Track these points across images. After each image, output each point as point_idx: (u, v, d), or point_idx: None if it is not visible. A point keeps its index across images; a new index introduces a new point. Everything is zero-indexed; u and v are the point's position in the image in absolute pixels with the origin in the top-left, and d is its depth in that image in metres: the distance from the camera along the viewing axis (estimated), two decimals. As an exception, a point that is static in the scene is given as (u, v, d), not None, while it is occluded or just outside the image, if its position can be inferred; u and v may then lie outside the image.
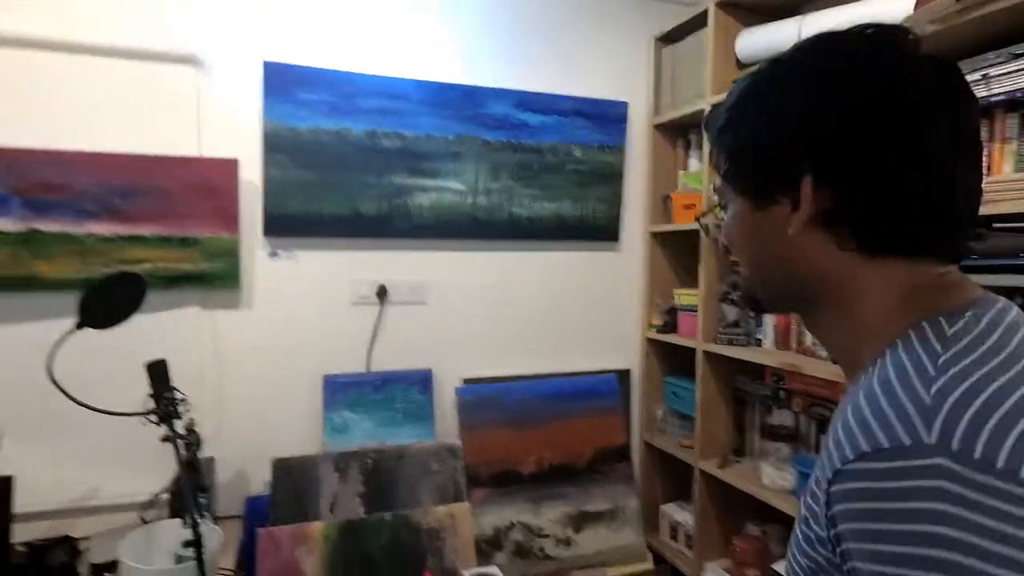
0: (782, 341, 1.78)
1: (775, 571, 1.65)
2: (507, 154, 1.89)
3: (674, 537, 2.07)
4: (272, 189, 1.69)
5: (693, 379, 1.94)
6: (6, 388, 1.52)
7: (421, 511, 1.69)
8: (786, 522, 1.80)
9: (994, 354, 0.41)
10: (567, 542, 1.85)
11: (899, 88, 0.47)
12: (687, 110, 1.95)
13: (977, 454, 0.36)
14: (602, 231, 2.06)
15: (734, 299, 1.88)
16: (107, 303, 1.33)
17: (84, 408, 1.25)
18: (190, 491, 1.28)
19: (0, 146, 1.48)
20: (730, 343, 1.85)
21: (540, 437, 1.91)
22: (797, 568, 0.49)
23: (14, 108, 1.50)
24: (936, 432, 0.38)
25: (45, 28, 1.51)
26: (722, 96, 1.74)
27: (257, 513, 1.63)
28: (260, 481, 1.70)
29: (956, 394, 0.39)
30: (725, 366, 1.91)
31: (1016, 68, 1.15)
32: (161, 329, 1.62)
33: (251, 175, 1.68)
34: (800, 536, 0.48)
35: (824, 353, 1.63)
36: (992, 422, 0.37)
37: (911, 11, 1.31)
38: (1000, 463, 0.36)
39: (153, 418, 1.36)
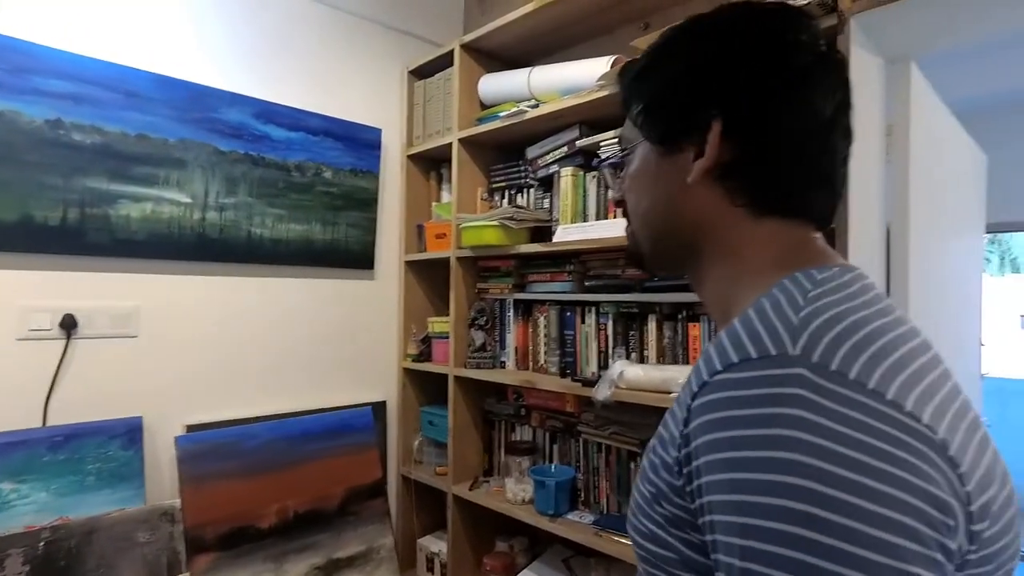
0: (522, 361, 1.83)
1: (521, 583, 1.64)
2: (246, 167, 1.62)
3: (430, 569, 1.94)
4: None
5: (446, 406, 1.87)
6: None
7: (119, 598, 1.27)
8: (528, 532, 1.82)
9: (854, 298, 0.45)
10: (315, 599, 1.58)
11: (806, 57, 0.50)
12: (437, 142, 1.93)
13: (833, 367, 0.39)
14: (356, 257, 1.89)
15: (481, 324, 1.87)
16: None
17: None
18: None
19: None
20: (478, 366, 1.83)
21: (284, 483, 1.62)
22: (638, 497, 0.49)
23: None
24: (800, 346, 0.40)
25: None
26: (468, 131, 1.77)
27: None
28: None
29: (820, 319, 0.42)
30: (475, 389, 1.89)
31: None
32: None
33: None
34: (646, 465, 0.48)
35: (554, 368, 1.70)
36: (849, 343, 0.40)
37: (608, 69, 1.49)
38: (852, 375, 0.38)
39: None
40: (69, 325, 1.38)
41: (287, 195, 1.71)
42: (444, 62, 1.92)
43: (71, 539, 1.28)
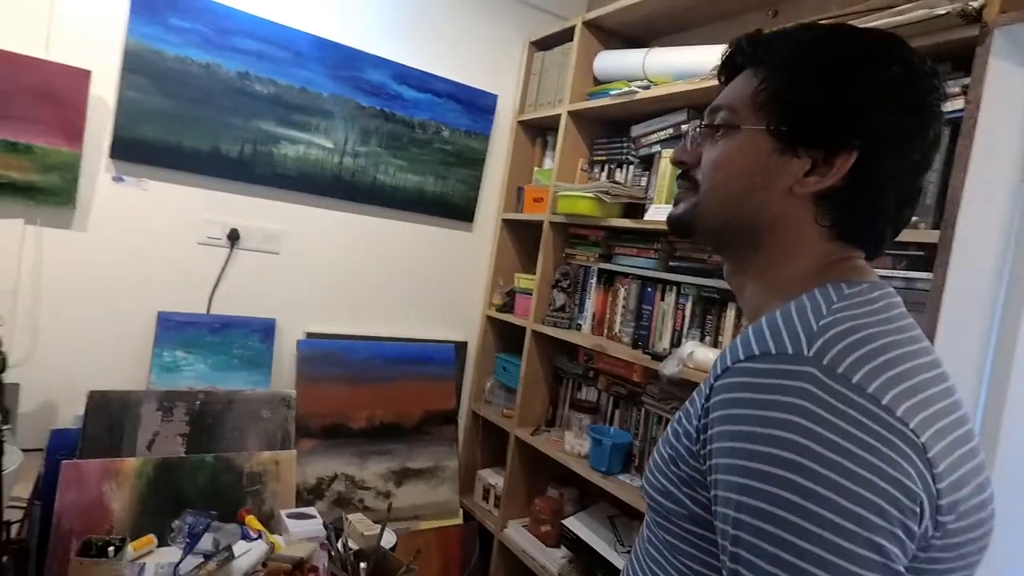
0: (597, 327, 2.15)
1: (564, 526, 2.01)
2: (379, 121, 2.07)
3: (486, 498, 2.39)
4: (126, 110, 1.71)
5: (521, 356, 2.26)
6: None
7: (245, 455, 1.80)
8: (580, 485, 2.19)
9: (875, 313, 0.54)
10: (387, 495, 2.07)
11: (938, 126, 0.58)
12: (548, 112, 2.26)
13: (840, 370, 0.48)
14: (459, 211, 2.32)
15: (564, 286, 2.23)
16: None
17: None
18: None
19: None
20: (555, 325, 2.19)
21: (374, 395, 2.11)
22: (657, 459, 0.61)
23: None
24: (815, 349, 0.50)
25: None
26: (578, 105, 2.08)
27: (62, 446, 1.63)
28: (71, 415, 1.71)
29: (838, 329, 0.51)
30: (549, 345, 2.26)
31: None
32: (-25, 238, 1.56)
33: (104, 92, 1.68)
34: (669, 432, 0.60)
35: (627, 339, 2.02)
36: (858, 352, 0.50)
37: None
38: (855, 379, 0.48)
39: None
40: (233, 238, 1.93)
41: (409, 149, 2.15)
42: (565, 36, 2.24)
43: (217, 404, 1.82)
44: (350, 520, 1.67)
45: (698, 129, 0.66)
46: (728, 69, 0.65)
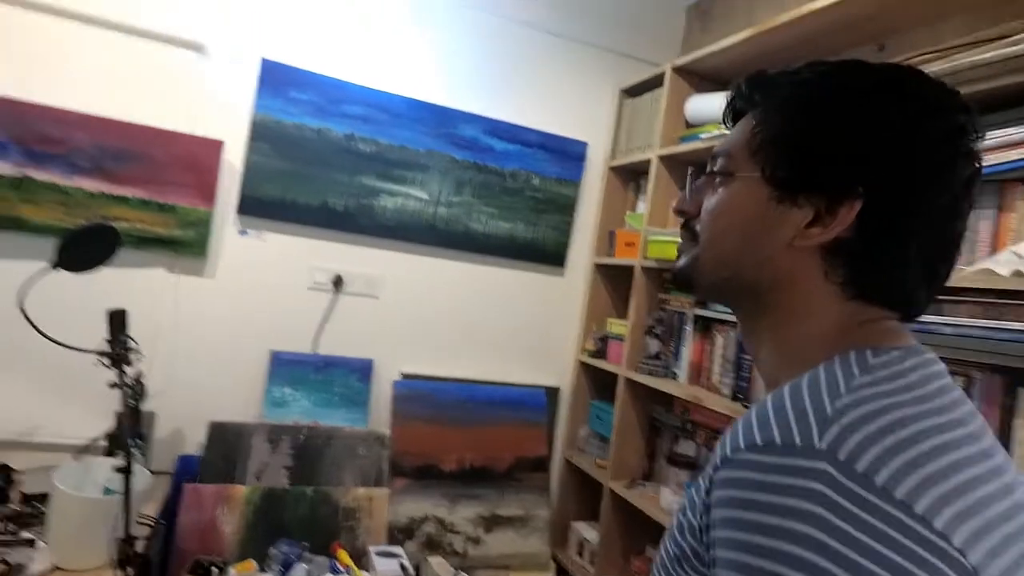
0: (694, 376, 2.09)
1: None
2: (471, 173, 2.23)
3: (580, 553, 2.34)
4: (251, 172, 1.99)
5: (615, 404, 2.24)
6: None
7: (341, 490, 1.93)
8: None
9: (907, 390, 0.46)
10: (476, 540, 2.10)
11: (969, 169, 0.52)
12: (639, 157, 2.31)
13: (860, 468, 0.40)
14: (550, 256, 2.39)
15: (658, 333, 2.20)
16: (82, 249, 1.57)
17: (45, 340, 1.46)
18: (128, 430, 1.50)
19: (7, 97, 1.74)
20: (649, 373, 2.15)
21: (465, 437, 2.18)
22: (664, 555, 0.53)
23: (27, 66, 1.78)
24: (828, 439, 0.42)
25: (63, -2, 1.80)
26: (669, 149, 2.11)
27: (186, 470, 1.85)
28: (195, 443, 1.94)
29: (857, 412, 0.43)
30: (643, 394, 2.22)
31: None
32: (128, 284, 1.88)
33: (233, 157, 1.98)
34: (674, 525, 0.52)
35: (726, 390, 1.95)
36: (882, 444, 0.41)
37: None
38: (880, 481, 0.40)
39: (106, 360, 1.60)
40: (338, 283, 2.14)
41: (500, 197, 2.28)
42: (655, 82, 2.30)
43: (319, 439, 1.98)
44: (430, 563, 1.73)
45: (700, 177, 0.63)
46: (733, 113, 0.62)
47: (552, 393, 2.43)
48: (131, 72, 1.87)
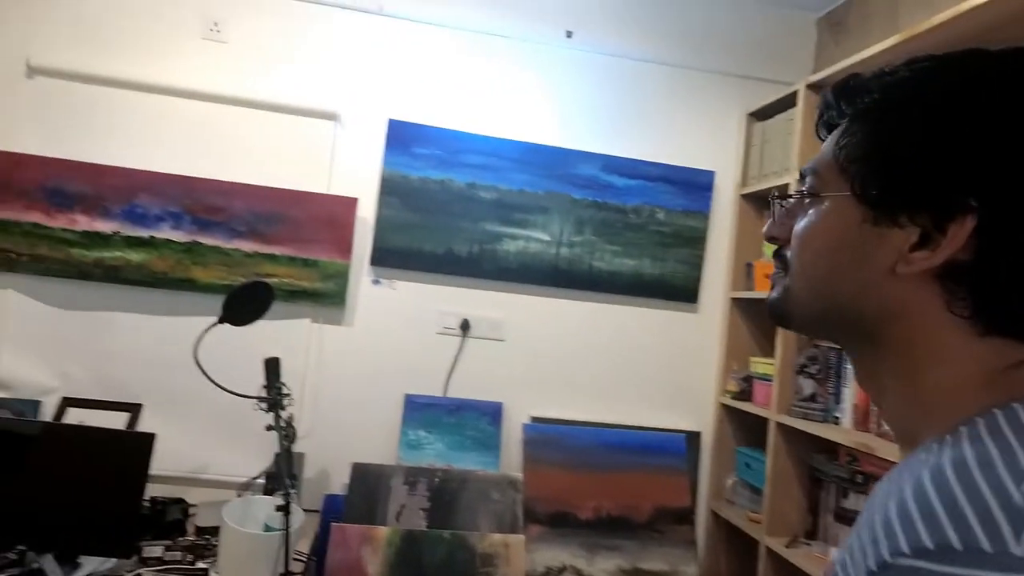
0: (861, 421, 1.87)
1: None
2: (592, 211, 2.24)
3: (734, 616, 2.15)
4: (382, 225, 2.15)
5: (766, 451, 2.07)
6: (155, 367, 2.02)
7: (478, 535, 1.94)
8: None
9: None
10: (618, 595, 2.01)
11: None
12: (774, 182, 2.19)
13: None
14: (681, 292, 2.31)
15: (812, 373, 2.02)
16: (243, 305, 1.77)
17: (215, 388, 1.67)
18: (286, 470, 1.64)
19: (181, 174, 2.03)
20: (805, 417, 1.96)
21: (600, 484, 2.12)
22: None
23: (193, 146, 2.08)
24: None
25: (221, 85, 2.09)
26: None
27: (333, 510, 1.96)
28: (339, 482, 2.06)
29: None
30: (800, 441, 2.02)
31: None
32: (277, 334, 2.07)
33: (366, 212, 2.15)
34: None
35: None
36: None
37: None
38: None
39: (263, 405, 1.76)
40: (465, 327, 2.21)
41: (623, 234, 2.25)
42: (787, 102, 2.18)
43: (453, 482, 2.02)
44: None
45: (787, 198, 0.57)
46: (825, 127, 0.55)
47: (692, 438, 2.30)
48: (276, 143, 2.12)
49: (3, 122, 1.99)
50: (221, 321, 1.73)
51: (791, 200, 0.56)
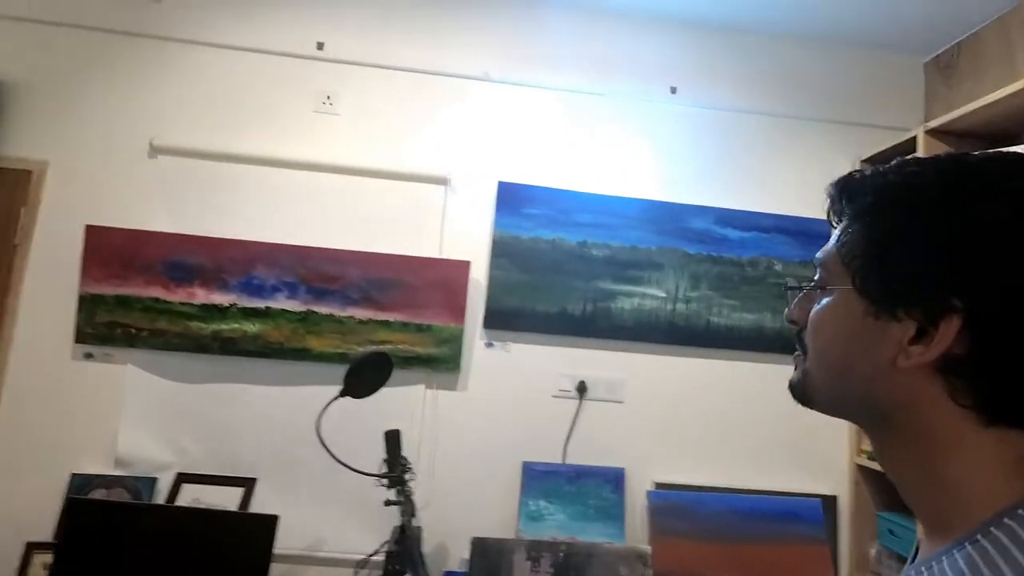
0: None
1: None
2: (707, 266, 2.20)
3: None
4: (494, 287, 2.15)
5: (913, 516, 1.93)
6: (270, 439, 2.02)
7: (608, 615, 1.83)
8: None
9: None
10: None
11: None
12: (896, 228, 2.12)
13: None
14: (804, 345, 2.22)
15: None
16: (363, 377, 1.75)
17: (329, 458, 1.62)
18: (417, 550, 1.58)
19: (296, 244, 2.08)
20: (956, 475, 1.84)
21: (734, 556, 2.00)
22: None
23: (307, 216, 2.13)
24: None
25: (334, 156, 2.16)
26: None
27: (453, 588, 1.89)
28: (457, 556, 1.98)
29: None
30: (952, 503, 1.89)
31: None
32: (393, 402, 2.05)
33: (478, 275, 2.15)
34: None
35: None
36: None
37: None
38: None
39: (385, 481, 1.72)
40: (581, 389, 2.16)
41: (740, 288, 2.20)
42: (906, 148, 2.14)
43: (578, 556, 1.93)
44: None
45: (800, 288, 0.61)
46: (836, 215, 0.58)
47: (828, 503, 2.17)
48: (388, 210, 2.16)
49: (127, 201, 2.08)
50: (343, 394, 1.72)
51: (805, 288, 0.60)
